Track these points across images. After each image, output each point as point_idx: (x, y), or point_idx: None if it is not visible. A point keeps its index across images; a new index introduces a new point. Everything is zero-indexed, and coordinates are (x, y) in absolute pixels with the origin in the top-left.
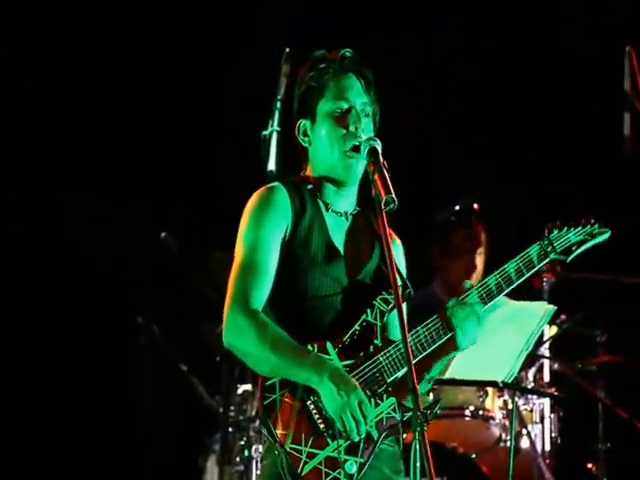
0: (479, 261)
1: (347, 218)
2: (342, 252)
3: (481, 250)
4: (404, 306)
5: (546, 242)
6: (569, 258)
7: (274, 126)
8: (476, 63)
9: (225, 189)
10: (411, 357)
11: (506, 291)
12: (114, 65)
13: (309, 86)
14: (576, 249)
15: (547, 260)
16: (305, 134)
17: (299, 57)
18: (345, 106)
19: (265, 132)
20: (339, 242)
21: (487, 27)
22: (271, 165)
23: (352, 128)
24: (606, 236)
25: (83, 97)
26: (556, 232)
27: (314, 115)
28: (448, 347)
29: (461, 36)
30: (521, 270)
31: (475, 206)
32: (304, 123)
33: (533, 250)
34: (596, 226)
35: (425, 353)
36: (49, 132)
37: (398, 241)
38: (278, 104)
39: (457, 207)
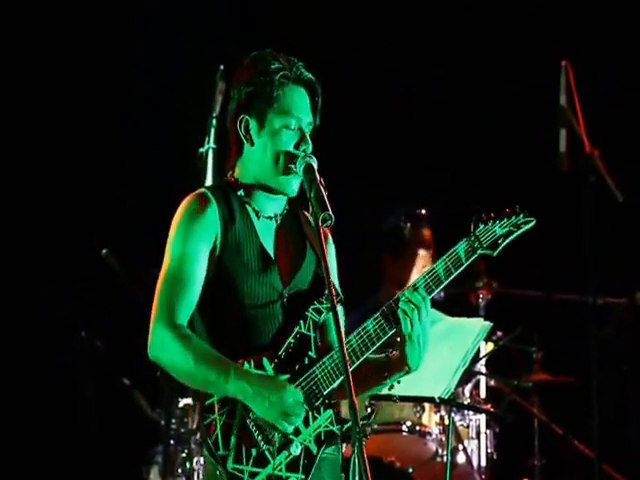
0: (431, 262)
1: (277, 220)
2: (274, 258)
3: (432, 252)
4: (341, 310)
5: (472, 238)
6: (496, 252)
7: (210, 143)
8: (415, 77)
9: (166, 206)
10: (349, 369)
11: (436, 292)
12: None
13: (261, 89)
14: (502, 242)
15: (475, 256)
16: (247, 131)
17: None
18: (294, 124)
19: (202, 149)
20: (270, 247)
21: (426, 44)
22: (208, 182)
23: (300, 149)
24: (531, 225)
25: None
26: (482, 226)
27: (262, 121)
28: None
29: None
30: (449, 269)
31: (423, 211)
32: (248, 119)
33: (460, 247)
34: (521, 216)
35: (373, 348)
36: None
37: (330, 239)
38: (214, 121)
39: (403, 211)
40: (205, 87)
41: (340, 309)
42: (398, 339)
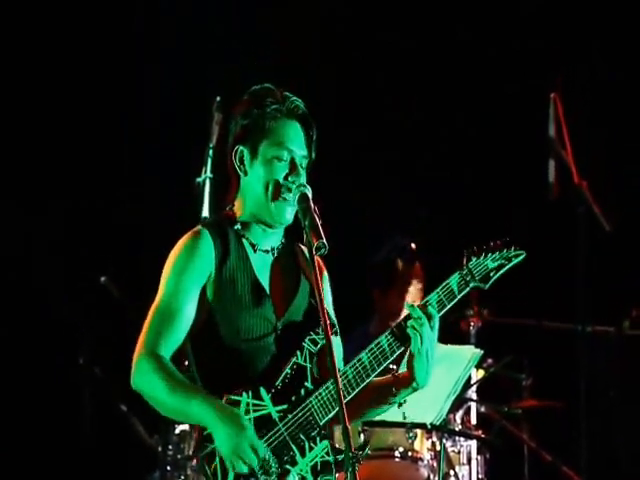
0: (421, 296)
1: (273, 253)
2: (268, 290)
3: (421, 286)
4: (337, 340)
5: (465, 271)
6: (487, 285)
7: (207, 173)
8: (406, 106)
9: (167, 235)
10: (342, 397)
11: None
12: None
13: (255, 122)
14: (494, 274)
15: (467, 289)
16: (242, 162)
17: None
18: (286, 156)
19: (199, 179)
20: (265, 281)
21: (418, 70)
22: (205, 212)
23: (290, 179)
24: (521, 258)
25: None
26: (474, 260)
27: (255, 151)
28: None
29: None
30: (442, 302)
31: (412, 245)
32: (242, 150)
33: (453, 280)
34: (512, 249)
35: (368, 380)
36: None
37: (325, 272)
38: (210, 152)
39: (394, 245)
40: (203, 117)
41: (336, 339)
42: (406, 356)
